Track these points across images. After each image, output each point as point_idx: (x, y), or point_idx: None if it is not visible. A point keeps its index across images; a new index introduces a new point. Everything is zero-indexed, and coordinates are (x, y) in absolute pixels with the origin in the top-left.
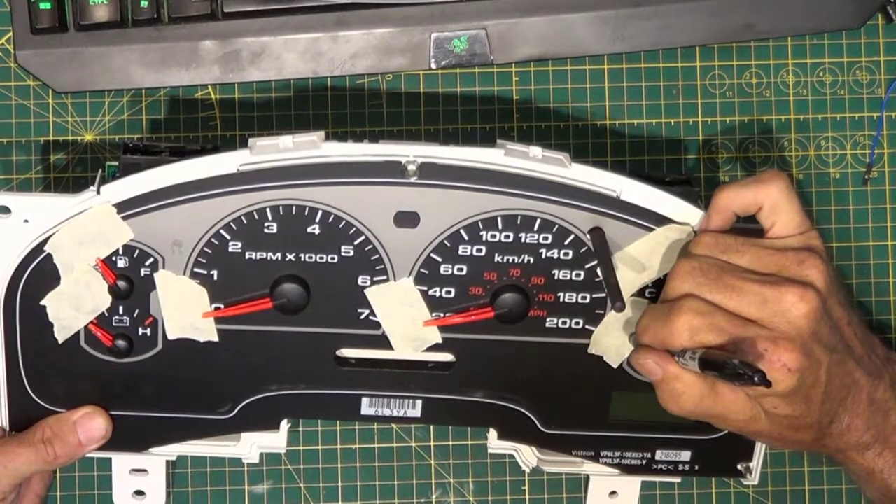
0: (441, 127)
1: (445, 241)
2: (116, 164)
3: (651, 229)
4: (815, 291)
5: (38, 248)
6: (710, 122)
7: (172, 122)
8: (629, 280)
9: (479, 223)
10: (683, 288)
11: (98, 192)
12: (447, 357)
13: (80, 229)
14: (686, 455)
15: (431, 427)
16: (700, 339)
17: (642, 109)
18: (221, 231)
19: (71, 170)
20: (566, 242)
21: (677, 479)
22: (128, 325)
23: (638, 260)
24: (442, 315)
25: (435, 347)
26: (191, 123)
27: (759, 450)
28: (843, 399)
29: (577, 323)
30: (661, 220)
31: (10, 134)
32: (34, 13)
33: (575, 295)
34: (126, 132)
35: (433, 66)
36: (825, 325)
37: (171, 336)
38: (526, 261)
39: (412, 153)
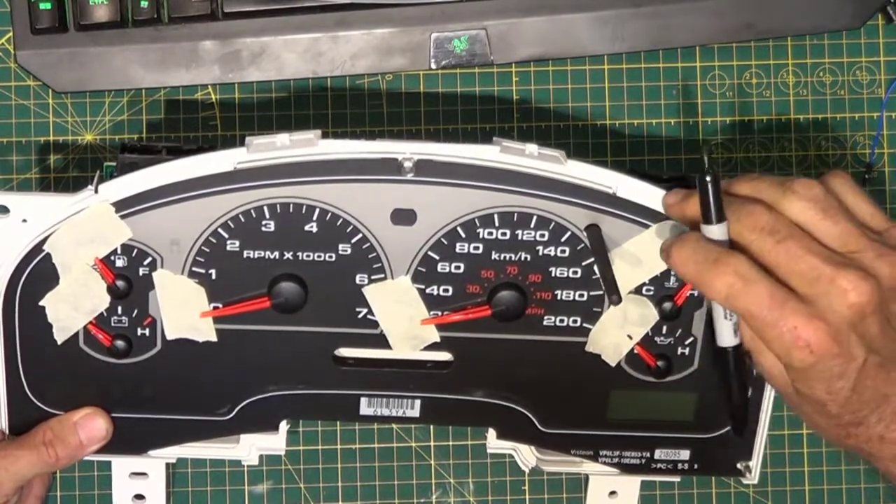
0: (441, 127)
1: (442, 239)
2: (114, 164)
3: (647, 226)
4: (874, 286)
5: (37, 248)
6: (710, 122)
7: (172, 122)
8: (626, 277)
9: (476, 220)
10: (743, 237)
11: (96, 192)
12: (445, 356)
13: (79, 228)
14: (685, 454)
15: (431, 427)
16: (734, 304)
17: (642, 109)
18: (219, 230)
19: (71, 170)
20: (563, 239)
21: (677, 479)
22: (127, 325)
23: (635, 256)
24: (440, 313)
25: (433, 346)
26: (191, 123)
27: (759, 448)
28: (878, 406)
29: (575, 321)
30: (658, 217)
31: (10, 134)
32: (34, 13)
33: (572, 293)
34: (126, 132)
35: (433, 66)
36: (875, 323)
37: (169, 336)
38: (523, 258)
39: (409, 150)
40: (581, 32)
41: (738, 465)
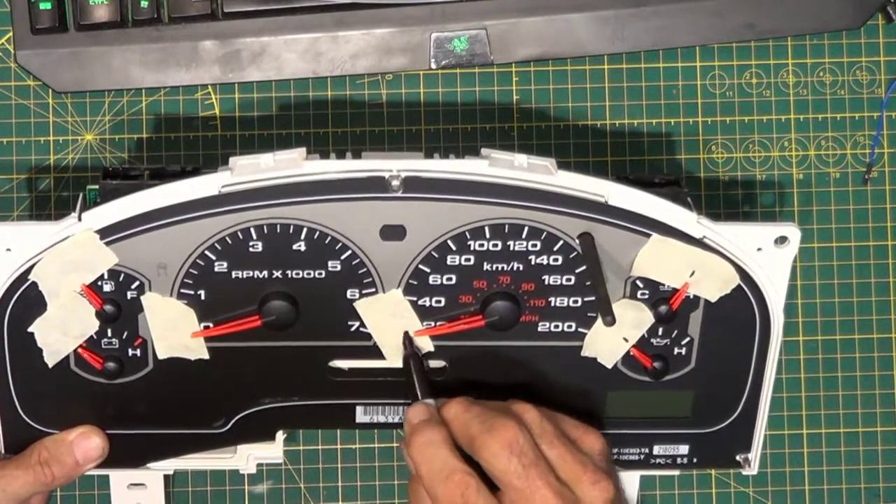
0: (441, 127)
1: (433, 252)
2: (97, 188)
3: (641, 233)
4: None
5: (23, 276)
6: (710, 122)
7: (173, 122)
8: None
9: (467, 233)
10: (501, 458)
11: (80, 219)
12: (440, 363)
13: (64, 257)
14: (684, 448)
15: None
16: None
17: (642, 109)
18: (206, 252)
19: (71, 170)
20: (555, 248)
21: (676, 473)
22: (117, 347)
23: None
24: (433, 324)
25: (427, 354)
26: (191, 123)
27: (758, 440)
28: None
29: (570, 326)
30: (651, 224)
31: (10, 134)
32: (34, 13)
33: (566, 299)
34: (126, 132)
35: (433, 66)
36: None
37: (161, 356)
38: (515, 268)
39: (396, 168)
40: (581, 32)
41: (738, 458)
